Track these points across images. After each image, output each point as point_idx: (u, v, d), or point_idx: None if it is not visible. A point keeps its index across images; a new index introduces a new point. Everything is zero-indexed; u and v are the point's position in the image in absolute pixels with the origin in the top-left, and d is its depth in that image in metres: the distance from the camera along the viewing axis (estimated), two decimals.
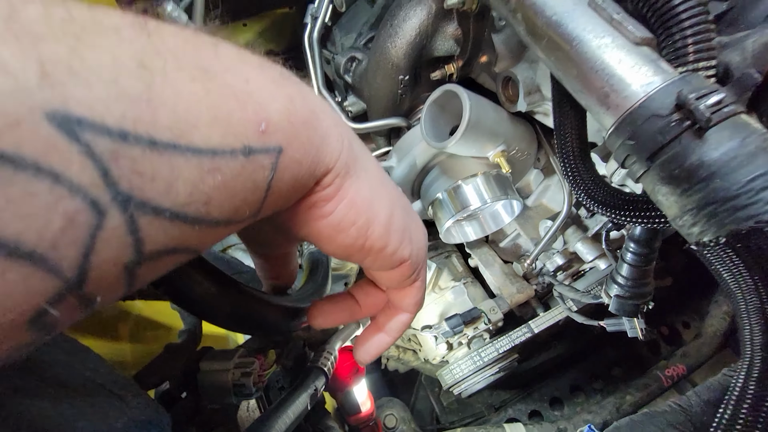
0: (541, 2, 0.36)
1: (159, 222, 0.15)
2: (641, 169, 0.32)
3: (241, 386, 0.39)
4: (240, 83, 0.18)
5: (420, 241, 0.29)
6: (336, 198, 0.23)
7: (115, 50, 0.14)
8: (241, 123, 0.18)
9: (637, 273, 0.47)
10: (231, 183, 0.17)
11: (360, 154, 0.25)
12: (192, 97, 0.16)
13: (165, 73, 0.15)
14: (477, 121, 0.60)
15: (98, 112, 0.13)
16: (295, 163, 0.20)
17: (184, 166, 0.15)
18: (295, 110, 0.20)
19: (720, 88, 0.29)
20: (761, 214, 0.26)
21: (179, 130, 0.15)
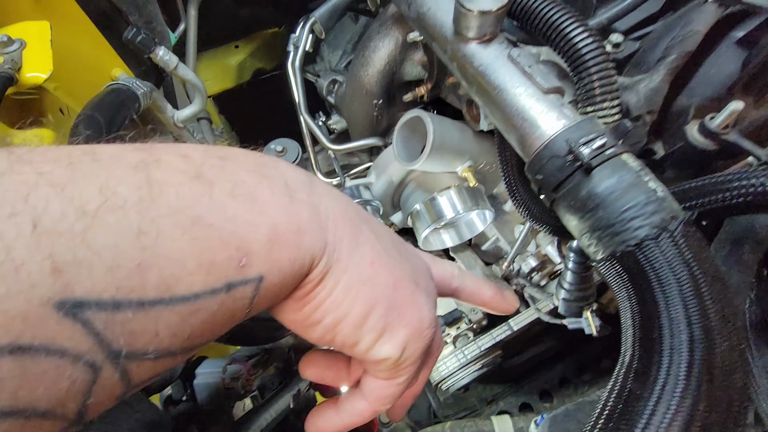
0: (470, 54, 0.43)
1: (145, 363, 0.18)
2: (549, 199, 0.38)
3: (231, 389, 0.46)
4: (227, 222, 0.19)
5: (416, 343, 0.27)
6: (305, 299, 0.24)
7: (119, 225, 0.16)
8: (223, 263, 0.19)
9: (579, 279, 0.53)
10: (212, 318, 0.19)
11: (344, 253, 0.25)
12: (180, 251, 0.18)
13: (161, 235, 0.17)
14: (441, 142, 0.67)
15: (97, 291, 0.15)
16: (277, 285, 0.21)
17: (169, 315, 0.17)
18: (277, 235, 0.21)
19: (605, 132, 0.35)
20: (629, 240, 0.32)
21: (166, 286, 0.17)
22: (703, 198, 0.34)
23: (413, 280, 0.28)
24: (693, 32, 0.36)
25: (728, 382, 0.27)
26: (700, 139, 0.38)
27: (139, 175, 0.18)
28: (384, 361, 0.27)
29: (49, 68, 0.45)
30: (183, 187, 0.19)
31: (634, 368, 0.30)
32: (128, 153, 0.19)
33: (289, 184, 0.23)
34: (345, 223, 0.25)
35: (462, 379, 0.96)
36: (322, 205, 0.24)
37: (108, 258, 0.16)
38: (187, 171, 0.20)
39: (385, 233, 0.29)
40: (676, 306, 0.29)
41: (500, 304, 0.40)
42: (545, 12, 0.41)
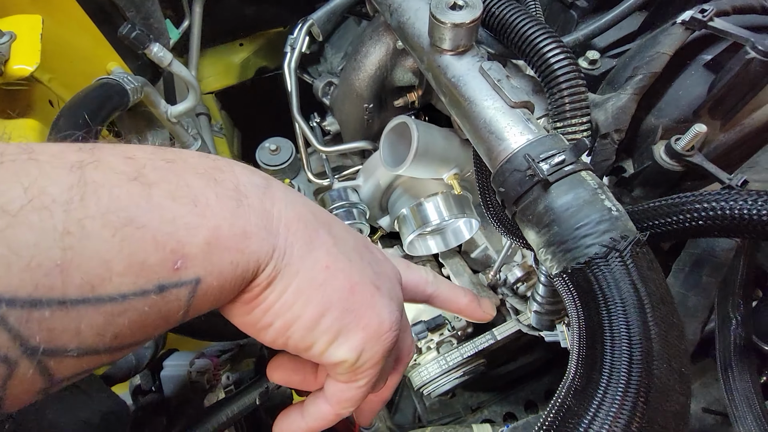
0: (444, 65, 0.43)
1: (67, 360, 0.18)
2: (511, 211, 0.38)
3: (197, 383, 0.47)
4: (164, 224, 0.19)
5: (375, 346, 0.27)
6: (253, 303, 0.24)
7: (42, 225, 0.16)
8: (155, 265, 0.19)
9: (550, 292, 0.53)
10: (142, 319, 0.19)
11: (296, 258, 0.24)
12: (109, 252, 0.18)
13: (87, 235, 0.17)
14: (426, 148, 0.67)
15: (12, 288, 0.16)
16: (216, 288, 0.21)
17: (92, 315, 0.17)
18: (218, 239, 0.21)
19: (566, 149, 0.35)
20: (579, 257, 0.32)
21: (90, 286, 0.17)
22: (659, 219, 0.34)
23: (373, 283, 0.28)
24: (659, 54, 0.36)
25: (665, 406, 0.28)
26: (666, 160, 0.38)
27: (73, 175, 0.18)
28: (340, 364, 0.27)
29: (36, 61, 0.47)
30: (118, 188, 0.19)
31: (574, 385, 0.31)
32: (69, 153, 0.19)
33: (240, 189, 0.23)
34: (299, 227, 0.25)
35: (443, 385, 0.97)
36: (275, 209, 0.24)
37: (26, 257, 0.16)
38: (126, 172, 0.20)
39: (347, 237, 0.29)
40: (619, 326, 0.29)
41: (476, 311, 0.40)
42: (519, 26, 0.41)
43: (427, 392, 1.00)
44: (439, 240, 0.92)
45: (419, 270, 0.38)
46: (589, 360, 0.30)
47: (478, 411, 1.31)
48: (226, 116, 1.34)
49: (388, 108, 0.82)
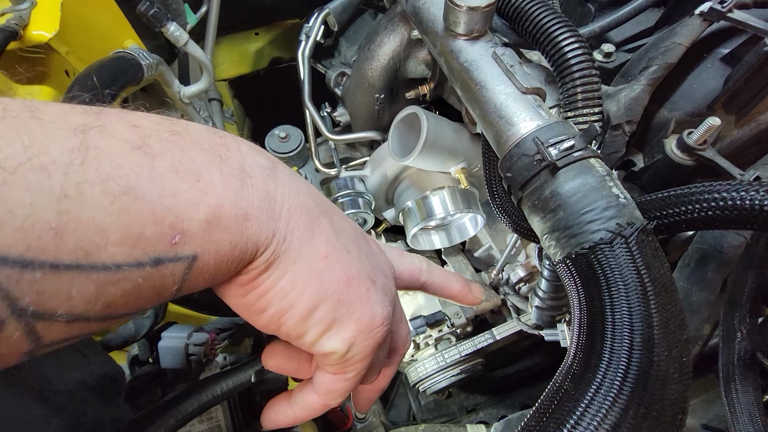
0: (456, 50, 0.43)
1: (56, 325, 0.17)
2: (517, 197, 0.38)
3: (194, 355, 0.47)
4: (164, 197, 0.19)
5: (365, 340, 0.27)
6: (249, 286, 0.24)
7: (39, 185, 0.16)
8: (152, 237, 0.19)
9: (552, 287, 0.53)
10: (135, 290, 0.19)
11: (295, 245, 0.24)
12: (105, 219, 0.17)
13: (85, 200, 0.17)
14: (435, 139, 0.67)
15: (3, 248, 0.15)
16: (212, 267, 0.21)
17: (84, 282, 0.17)
18: (218, 218, 0.21)
19: (575, 136, 0.35)
20: (584, 243, 0.31)
21: (84, 252, 0.17)
22: (668, 209, 0.33)
23: (369, 277, 0.28)
24: (676, 45, 0.36)
25: (663, 394, 0.27)
26: (678, 154, 0.37)
27: (76, 138, 0.18)
28: (331, 355, 0.27)
29: (54, 28, 0.47)
30: (121, 156, 0.19)
31: (573, 370, 0.30)
32: (74, 115, 0.19)
33: (246, 169, 0.23)
34: (301, 214, 0.25)
35: (439, 382, 0.96)
36: (278, 193, 0.24)
37: (21, 216, 0.16)
38: (130, 140, 0.19)
39: (347, 227, 0.29)
40: (621, 312, 0.29)
41: (467, 296, 0.41)
42: (534, 15, 0.41)
43: (423, 389, 0.99)
44: (444, 236, 0.91)
45: (413, 258, 0.38)
46: (589, 345, 0.30)
47: (473, 412, 1.30)
48: (238, 104, 1.35)
49: (399, 100, 0.82)
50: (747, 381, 0.46)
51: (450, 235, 0.91)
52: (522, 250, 0.90)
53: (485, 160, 0.51)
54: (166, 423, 0.34)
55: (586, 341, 0.30)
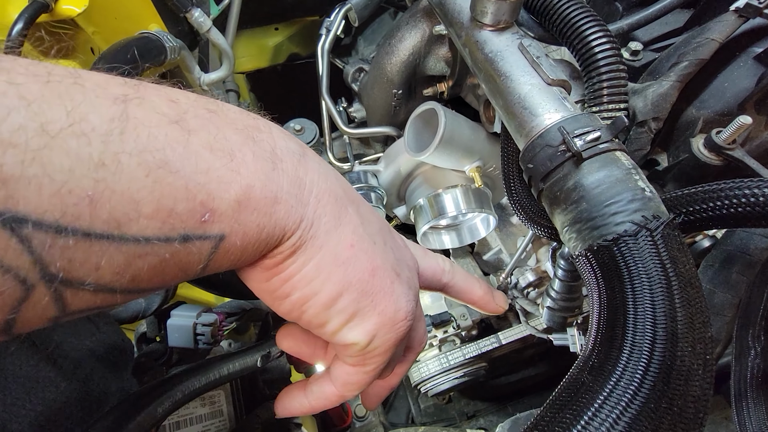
0: (482, 41, 0.43)
1: (83, 293, 0.18)
2: (538, 189, 0.37)
3: (201, 335, 0.47)
4: (197, 174, 0.19)
5: (387, 333, 0.27)
6: (273, 270, 0.24)
7: (80, 151, 0.16)
8: (183, 213, 0.19)
9: (566, 288, 0.52)
10: (161, 265, 0.19)
11: (322, 231, 0.24)
12: (140, 191, 0.17)
13: (121, 170, 0.17)
14: (451, 136, 0.67)
15: (40, 211, 0.15)
16: (238, 248, 0.21)
17: (114, 252, 0.17)
18: (249, 199, 0.21)
19: (601, 127, 0.34)
20: (607, 234, 0.31)
21: (116, 222, 0.17)
22: (694, 206, 0.32)
23: (395, 270, 0.28)
24: (708, 40, 0.35)
25: (685, 389, 0.26)
26: (705, 153, 0.37)
27: (116, 107, 0.18)
28: (351, 346, 0.27)
29: (84, 4, 0.48)
30: (158, 128, 0.19)
31: (591, 362, 0.30)
32: (113, 85, 0.19)
33: (277, 152, 0.23)
34: (329, 201, 0.25)
35: (442, 384, 0.95)
36: (307, 179, 0.24)
37: (60, 181, 0.16)
38: (168, 114, 0.19)
39: (373, 219, 0.29)
40: (643, 304, 0.28)
41: (489, 304, 0.40)
42: (562, 8, 0.41)
43: (424, 390, 0.98)
44: (454, 236, 0.91)
45: (436, 258, 0.38)
46: (609, 338, 0.29)
47: (474, 419, 1.28)
48: (254, 98, 1.36)
49: (416, 97, 0.82)
50: (759, 399, 0.45)
51: (461, 235, 0.90)
52: (532, 254, 0.89)
53: (504, 155, 0.50)
54: (173, 396, 0.34)
55: (605, 334, 0.30)
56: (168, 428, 0.52)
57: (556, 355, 1.29)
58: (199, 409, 0.57)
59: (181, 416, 0.55)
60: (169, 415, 0.33)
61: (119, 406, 0.30)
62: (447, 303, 1.00)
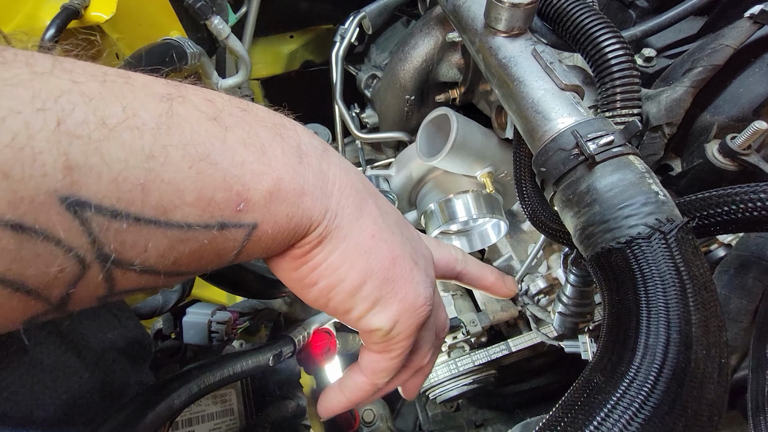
0: (495, 47, 0.43)
1: (130, 273, 0.19)
2: (550, 192, 0.38)
3: (216, 332, 0.48)
4: (233, 166, 0.21)
5: (409, 319, 0.28)
6: (302, 260, 0.25)
7: (133, 144, 0.18)
8: (221, 202, 0.20)
9: (578, 293, 0.52)
10: (200, 250, 0.21)
11: (345, 222, 0.26)
12: (183, 182, 0.19)
13: (168, 162, 0.19)
14: (463, 141, 0.67)
15: (99, 197, 0.17)
16: (269, 236, 0.23)
17: (160, 236, 0.19)
18: (279, 190, 0.22)
19: (614, 132, 0.35)
20: (620, 237, 0.31)
21: (163, 209, 0.19)
22: (709, 209, 0.32)
23: (413, 258, 0.29)
24: (723, 46, 0.36)
25: (699, 392, 0.26)
26: (719, 158, 0.37)
27: (162, 105, 0.19)
28: (376, 332, 0.28)
29: (111, 11, 0.50)
30: (199, 124, 0.20)
31: (603, 364, 0.30)
32: (158, 85, 0.21)
33: (302, 148, 0.25)
34: (351, 193, 0.26)
35: (450, 390, 0.94)
36: (330, 173, 0.26)
37: (116, 170, 0.17)
38: (207, 112, 0.21)
39: (390, 210, 0.30)
40: (657, 307, 0.28)
41: (501, 288, 0.42)
42: (576, 15, 0.42)
43: (433, 396, 0.97)
44: (465, 241, 0.91)
45: (449, 248, 0.40)
46: (622, 340, 0.29)
47: (482, 428, 1.27)
48: (268, 104, 1.39)
49: (428, 103, 0.83)
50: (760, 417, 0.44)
51: (471, 241, 0.90)
52: (543, 261, 0.89)
53: (516, 159, 0.51)
54: (190, 389, 0.35)
55: (618, 336, 0.30)
56: (181, 425, 0.53)
57: (566, 365, 1.28)
58: (211, 406, 0.58)
59: (193, 413, 0.56)
60: (185, 407, 0.34)
61: (138, 397, 0.31)
62: (456, 309, 0.99)
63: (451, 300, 1.01)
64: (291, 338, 0.59)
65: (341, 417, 0.97)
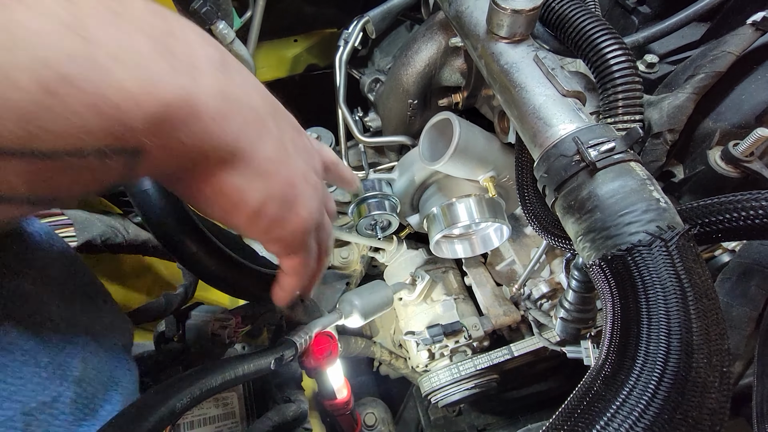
0: (498, 53, 0.44)
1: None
2: (552, 198, 0.38)
3: (218, 335, 0.48)
4: (107, 89, 0.18)
5: (304, 233, 0.32)
6: (202, 183, 0.25)
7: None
8: (97, 130, 0.18)
9: (580, 299, 0.52)
10: (78, 176, 0.19)
11: (245, 144, 0.25)
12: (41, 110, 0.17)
13: (18, 87, 0.16)
14: (465, 146, 0.67)
15: None
16: (158, 162, 0.22)
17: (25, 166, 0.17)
18: (169, 114, 0.20)
19: (616, 138, 0.35)
20: (621, 244, 0.31)
21: (20, 139, 0.17)
22: (710, 217, 0.32)
23: (304, 176, 0.31)
24: (725, 53, 0.36)
25: (700, 401, 0.26)
26: (722, 165, 0.37)
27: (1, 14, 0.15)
28: (278, 242, 0.31)
29: None
30: (57, 40, 0.17)
31: (604, 371, 0.30)
32: None
33: (196, 63, 0.22)
34: (251, 115, 0.25)
35: (452, 395, 0.94)
36: (230, 92, 0.23)
37: None
38: (64, 20, 0.17)
39: (287, 126, 0.30)
40: (657, 314, 0.28)
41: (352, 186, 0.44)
42: (578, 21, 0.42)
43: (434, 400, 0.97)
44: (467, 245, 0.91)
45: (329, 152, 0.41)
46: (622, 347, 0.29)
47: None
48: None
49: (431, 107, 0.84)
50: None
51: (473, 245, 0.90)
52: (546, 265, 0.88)
53: (518, 164, 0.51)
54: (192, 392, 0.35)
55: (619, 343, 0.30)
56: (183, 427, 0.54)
57: (569, 370, 1.27)
58: (213, 410, 0.58)
59: (195, 416, 0.56)
60: (187, 410, 0.34)
61: (141, 399, 0.31)
62: (459, 313, 0.99)
63: (453, 304, 1.01)
64: (293, 341, 0.59)
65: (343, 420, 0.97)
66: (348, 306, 0.72)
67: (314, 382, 0.88)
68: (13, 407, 0.26)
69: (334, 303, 0.84)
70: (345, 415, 0.93)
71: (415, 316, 1.01)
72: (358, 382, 1.45)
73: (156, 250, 0.54)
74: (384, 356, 1.14)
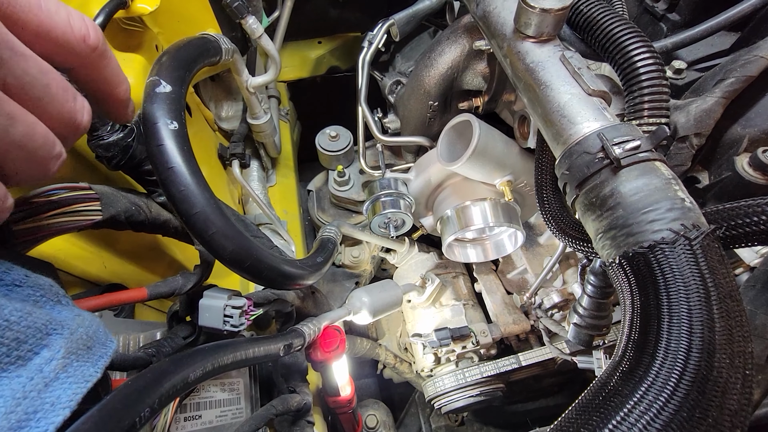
0: (524, 51, 0.44)
1: None
2: (572, 195, 0.38)
3: (230, 317, 0.49)
4: None
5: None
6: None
7: None
8: None
9: (595, 305, 0.51)
10: None
11: None
12: None
13: None
14: (484, 148, 0.67)
15: None
16: None
17: None
18: None
19: (641, 137, 0.35)
20: (643, 241, 0.31)
21: None
22: (736, 220, 0.32)
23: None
24: (757, 57, 0.35)
25: (721, 401, 0.25)
26: (749, 172, 0.36)
27: None
28: None
29: (156, 3, 0.53)
30: None
31: (621, 368, 0.29)
32: None
33: None
34: None
35: (456, 401, 0.93)
36: None
37: None
38: None
39: None
40: (679, 312, 0.28)
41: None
42: (606, 24, 0.42)
43: (438, 405, 0.96)
44: (480, 250, 0.90)
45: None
46: (642, 344, 0.29)
47: None
48: (292, 106, 1.42)
49: (451, 110, 0.84)
50: None
51: (486, 250, 0.89)
52: (559, 275, 0.87)
53: (538, 165, 0.51)
54: (204, 366, 0.35)
55: (638, 340, 0.29)
56: (190, 407, 0.54)
57: (576, 387, 1.24)
58: (219, 393, 0.58)
59: (202, 398, 0.56)
60: (199, 383, 0.35)
61: (156, 367, 0.32)
62: (467, 319, 0.98)
63: (462, 309, 1.00)
64: (302, 331, 0.59)
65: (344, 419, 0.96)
66: (357, 302, 0.72)
67: (318, 378, 0.88)
68: None
69: (342, 301, 0.84)
70: (347, 414, 0.92)
71: (423, 319, 1.00)
72: (361, 384, 1.44)
73: (176, 232, 0.55)
74: (389, 359, 1.13)
